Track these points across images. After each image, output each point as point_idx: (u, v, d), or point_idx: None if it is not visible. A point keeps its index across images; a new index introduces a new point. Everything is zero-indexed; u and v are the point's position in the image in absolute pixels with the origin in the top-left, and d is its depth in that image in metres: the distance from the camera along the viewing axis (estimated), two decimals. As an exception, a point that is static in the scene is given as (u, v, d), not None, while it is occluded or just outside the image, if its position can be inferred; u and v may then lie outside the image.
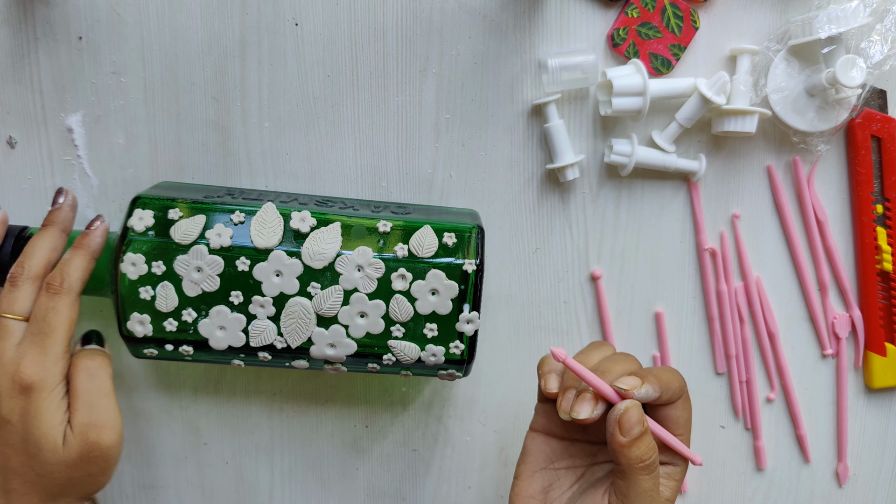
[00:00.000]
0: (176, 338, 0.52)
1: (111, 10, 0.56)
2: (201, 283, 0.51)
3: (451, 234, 0.52)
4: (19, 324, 0.50)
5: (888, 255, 0.61)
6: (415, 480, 0.64)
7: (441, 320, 0.52)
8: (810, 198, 0.62)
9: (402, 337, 0.52)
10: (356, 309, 0.52)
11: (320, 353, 0.52)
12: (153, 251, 0.51)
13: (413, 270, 0.52)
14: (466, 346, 0.53)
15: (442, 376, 0.55)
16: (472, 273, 0.52)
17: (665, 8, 0.58)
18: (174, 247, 0.51)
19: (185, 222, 0.51)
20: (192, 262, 0.51)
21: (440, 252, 0.52)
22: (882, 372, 0.63)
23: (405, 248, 0.52)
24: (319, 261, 0.51)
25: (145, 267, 0.51)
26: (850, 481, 0.66)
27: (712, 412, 0.64)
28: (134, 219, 0.51)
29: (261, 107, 0.58)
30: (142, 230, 0.51)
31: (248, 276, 0.51)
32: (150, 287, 0.51)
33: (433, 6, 0.57)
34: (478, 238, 0.52)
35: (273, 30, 0.57)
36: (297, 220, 0.52)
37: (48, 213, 0.53)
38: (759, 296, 0.63)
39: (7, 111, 0.57)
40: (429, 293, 0.52)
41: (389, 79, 0.58)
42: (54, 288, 0.50)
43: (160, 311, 0.52)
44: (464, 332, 0.52)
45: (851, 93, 0.57)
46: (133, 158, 0.58)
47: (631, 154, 0.58)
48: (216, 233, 0.51)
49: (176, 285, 0.51)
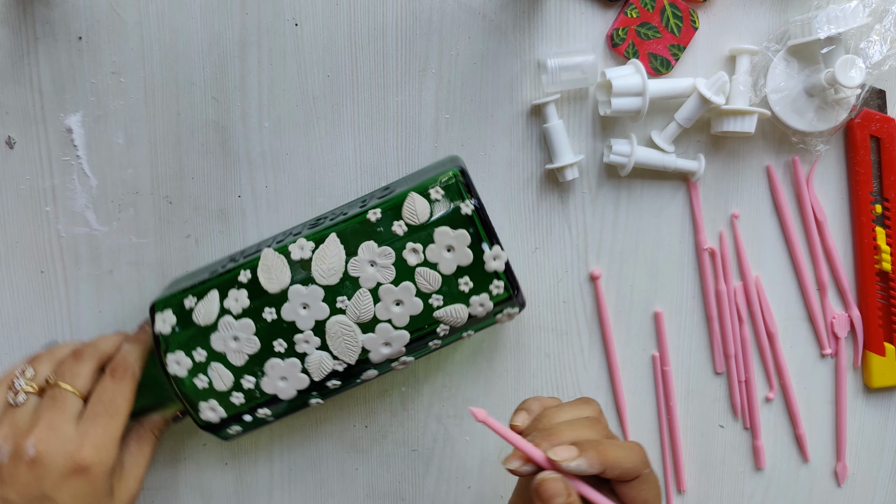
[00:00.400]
0: (249, 407, 0.54)
1: (111, 10, 0.56)
2: (243, 349, 0.53)
3: (436, 187, 0.52)
4: (78, 399, 0.51)
5: (887, 255, 0.61)
6: (414, 480, 0.64)
7: (470, 270, 0.52)
8: (809, 198, 0.62)
9: (443, 304, 0.52)
10: (389, 300, 0.52)
11: (379, 356, 0.53)
12: (188, 343, 0.53)
13: (419, 240, 0.51)
14: (506, 281, 0.52)
15: (501, 320, 0.54)
16: (472, 213, 0.51)
17: (664, 8, 0.58)
18: (203, 330, 0.53)
19: (203, 304, 0.53)
20: (225, 335, 0.52)
21: (434, 210, 0.51)
22: (881, 372, 0.63)
23: (402, 224, 0.52)
24: (333, 276, 0.52)
25: (188, 360, 0.53)
26: (849, 481, 0.66)
27: (711, 412, 0.64)
28: (158, 324, 0.53)
29: (261, 107, 0.58)
30: (169, 331, 0.53)
31: (280, 322, 0.52)
32: (202, 374, 0.53)
33: (433, 6, 0.57)
34: (463, 179, 0.52)
35: (273, 30, 0.57)
36: (296, 251, 0.52)
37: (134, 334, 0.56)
38: (758, 296, 0.63)
39: (6, 111, 0.57)
40: (445, 252, 0.51)
41: (389, 79, 0.58)
42: (120, 373, 0.52)
43: (221, 391, 0.53)
44: (496, 270, 0.52)
45: (850, 93, 0.57)
46: (133, 159, 0.58)
47: (630, 154, 0.58)
48: (233, 299, 0.52)
49: (223, 361, 0.53)
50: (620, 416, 0.64)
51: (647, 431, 0.64)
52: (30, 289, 0.60)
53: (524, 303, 0.54)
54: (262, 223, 0.60)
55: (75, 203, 0.59)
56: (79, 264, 0.60)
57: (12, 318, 0.60)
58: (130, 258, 0.60)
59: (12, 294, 0.60)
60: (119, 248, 0.59)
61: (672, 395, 0.63)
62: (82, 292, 0.60)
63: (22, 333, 0.60)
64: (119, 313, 0.60)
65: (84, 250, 0.59)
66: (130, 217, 0.59)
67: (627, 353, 0.63)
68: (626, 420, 0.64)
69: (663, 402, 0.64)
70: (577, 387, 0.63)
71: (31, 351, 0.60)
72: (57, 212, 0.59)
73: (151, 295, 0.60)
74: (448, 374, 0.62)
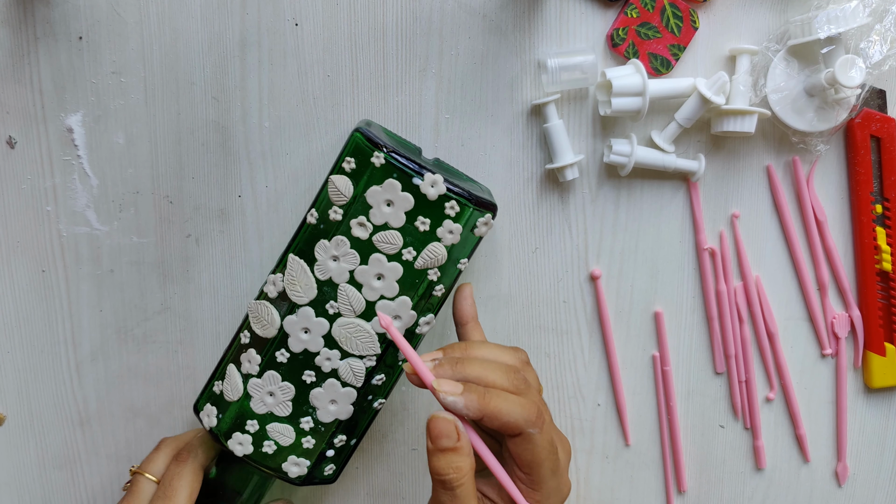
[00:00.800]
0: (324, 443, 0.55)
1: (111, 10, 0.56)
2: (282, 398, 0.54)
3: (346, 159, 0.51)
4: (151, 484, 0.55)
5: (887, 255, 0.61)
6: (414, 479, 0.64)
7: (419, 210, 0.51)
8: (809, 198, 0.62)
9: (417, 253, 0.51)
10: (370, 280, 0.52)
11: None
12: (236, 422, 0.54)
13: (358, 212, 0.51)
14: (456, 198, 0.51)
15: (482, 233, 0.53)
16: (386, 160, 0.50)
17: (664, 8, 0.58)
18: (241, 403, 0.54)
19: (227, 383, 0.54)
20: (260, 395, 0.53)
21: (354, 180, 0.51)
22: (881, 372, 0.63)
23: (335, 209, 0.51)
24: (310, 290, 0.52)
25: (246, 436, 0.54)
26: (850, 481, 0.66)
27: (712, 412, 0.64)
28: (205, 420, 0.55)
29: (261, 107, 0.58)
30: (216, 422, 0.54)
31: (295, 357, 0.53)
32: (265, 440, 0.54)
33: (433, 6, 0.57)
34: (364, 135, 0.51)
35: (273, 30, 0.57)
36: (271, 289, 0.53)
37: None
38: (758, 296, 0.63)
39: (7, 111, 0.57)
40: (386, 208, 0.51)
41: (389, 79, 0.58)
42: (182, 457, 0.55)
43: (290, 444, 0.54)
44: (440, 194, 0.50)
45: (851, 93, 0.57)
46: (133, 158, 0.58)
47: (630, 154, 0.58)
48: (246, 361, 0.54)
49: (275, 419, 0.54)
50: (620, 416, 0.64)
51: (648, 431, 0.64)
52: (31, 288, 0.60)
53: (491, 204, 0.52)
54: (262, 223, 0.60)
55: (76, 202, 0.59)
56: (80, 263, 0.60)
57: (14, 316, 0.60)
58: (131, 257, 0.60)
59: (14, 293, 0.60)
60: (120, 247, 0.60)
61: (672, 395, 0.63)
62: (83, 291, 0.60)
63: (23, 332, 0.61)
64: (120, 312, 0.61)
65: (85, 250, 0.60)
66: (131, 216, 0.59)
67: (627, 353, 0.63)
68: (626, 420, 0.64)
69: (663, 402, 0.64)
70: (577, 387, 0.63)
71: (32, 350, 0.61)
72: (58, 211, 0.59)
73: (152, 294, 0.60)
74: (448, 374, 0.62)
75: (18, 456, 0.63)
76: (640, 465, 0.65)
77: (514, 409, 0.46)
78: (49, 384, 0.62)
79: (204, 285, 0.60)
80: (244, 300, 0.61)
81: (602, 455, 0.65)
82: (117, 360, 0.61)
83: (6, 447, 0.62)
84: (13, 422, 0.62)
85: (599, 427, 0.64)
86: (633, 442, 0.64)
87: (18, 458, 0.63)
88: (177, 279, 0.60)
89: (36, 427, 0.62)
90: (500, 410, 0.45)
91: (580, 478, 0.65)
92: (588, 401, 0.64)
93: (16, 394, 0.62)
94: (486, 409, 0.45)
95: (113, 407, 0.62)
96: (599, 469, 0.65)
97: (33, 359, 0.61)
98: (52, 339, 0.61)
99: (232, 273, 0.60)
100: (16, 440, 0.62)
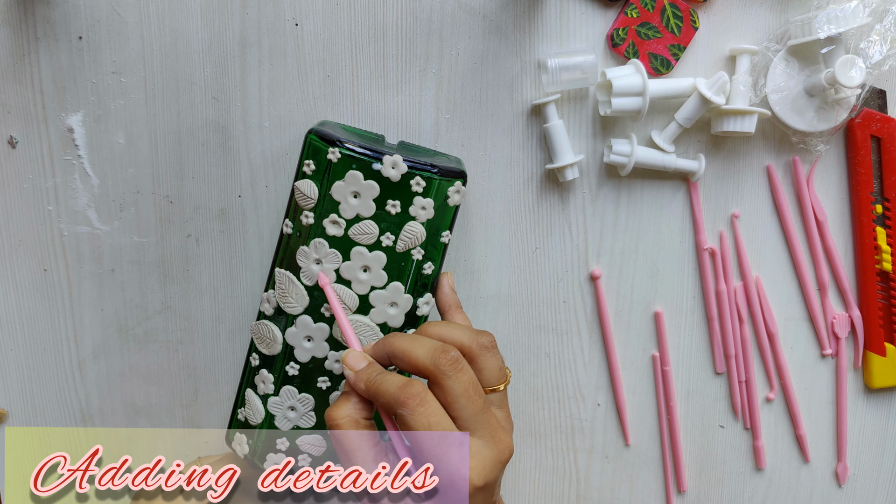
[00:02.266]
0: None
1: (112, 10, 0.57)
2: (303, 410, 0.54)
3: (307, 161, 0.51)
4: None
5: (888, 255, 0.61)
6: (414, 479, 0.64)
7: (387, 194, 0.51)
8: (810, 198, 0.62)
9: (396, 237, 0.51)
10: (356, 274, 0.52)
11: (396, 319, 0.53)
12: (267, 444, 0.54)
13: (328, 211, 0.51)
14: (419, 172, 0.51)
15: (455, 201, 0.53)
16: (341, 154, 0.50)
17: (664, 8, 0.58)
18: (266, 425, 0.54)
19: (248, 408, 0.55)
20: (282, 412, 0.54)
21: (317, 181, 0.51)
22: (881, 372, 0.63)
23: (305, 213, 0.52)
24: (302, 299, 0.52)
25: (280, 455, 0.54)
26: (850, 481, 0.66)
27: (712, 412, 0.64)
28: (238, 450, 0.55)
29: (261, 107, 0.58)
30: (248, 450, 0.55)
31: (305, 367, 0.53)
32: (299, 453, 0.54)
33: (433, 6, 0.57)
34: (317, 135, 0.51)
35: (273, 30, 0.57)
36: (266, 306, 0.54)
37: None
38: (758, 296, 0.63)
39: (8, 111, 0.58)
40: (353, 199, 0.51)
41: (389, 79, 0.58)
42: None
43: (324, 451, 0.54)
44: (402, 173, 0.51)
45: (851, 93, 0.57)
46: (134, 158, 0.59)
47: (630, 154, 0.58)
48: (261, 382, 0.54)
49: (304, 431, 0.54)
50: (620, 416, 0.64)
51: (648, 431, 0.64)
52: (33, 287, 0.60)
53: (458, 172, 0.52)
54: (262, 223, 0.60)
55: (77, 202, 0.59)
56: (81, 263, 0.60)
57: (16, 315, 0.61)
58: (132, 257, 0.60)
59: (16, 292, 0.60)
60: (121, 246, 0.60)
61: (672, 395, 0.63)
62: (84, 290, 0.60)
63: (26, 330, 0.61)
64: (121, 311, 0.61)
65: (86, 249, 0.60)
66: (132, 216, 0.59)
67: (627, 353, 0.63)
68: (625, 420, 0.64)
69: (663, 402, 0.64)
70: (577, 387, 0.63)
71: (34, 348, 0.61)
72: (59, 211, 0.59)
73: (153, 294, 0.60)
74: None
75: (21, 452, 0.63)
76: (640, 465, 0.65)
77: (417, 349, 0.47)
78: (51, 382, 0.62)
79: (204, 285, 0.61)
80: (244, 300, 0.61)
81: (602, 455, 0.65)
82: (118, 358, 0.61)
83: (9, 444, 0.63)
84: (16, 418, 0.62)
85: (599, 427, 0.64)
86: (633, 442, 0.64)
87: (21, 454, 0.63)
88: (177, 279, 0.60)
89: (39, 424, 0.62)
90: (403, 349, 0.47)
91: (580, 477, 0.65)
92: (588, 401, 0.64)
93: (19, 391, 0.62)
94: (392, 349, 0.48)
95: (114, 405, 0.62)
96: (599, 469, 0.65)
97: (36, 357, 0.61)
98: (55, 337, 0.61)
99: (232, 273, 0.60)
100: (18, 437, 0.63)
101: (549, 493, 0.65)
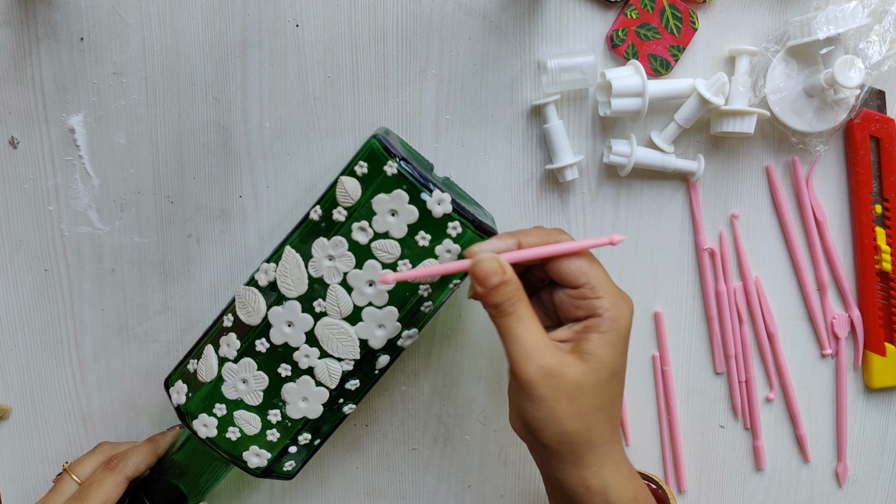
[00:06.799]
0: (289, 438, 0.55)
1: (113, 11, 0.57)
2: (255, 387, 0.54)
3: (359, 163, 0.51)
4: (73, 485, 0.56)
5: (887, 255, 0.61)
6: (414, 479, 0.64)
7: (422, 224, 0.51)
8: (809, 198, 0.62)
9: (412, 266, 0.52)
10: (361, 285, 0.52)
11: (378, 340, 0.53)
12: (205, 403, 0.55)
13: (362, 217, 0.51)
14: (459, 219, 0.51)
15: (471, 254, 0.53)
16: (398, 170, 0.50)
17: (664, 9, 0.58)
18: (213, 385, 0.54)
19: (202, 362, 0.55)
20: (233, 381, 0.54)
21: (364, 184, 0.51)
22: (881, 372, 0.63)
23: (340, 209, 0.52)
24: (300, 285, 0.52)
25: (212, 418, 0.54)
26: (850, 481, 0.66)
27: (712, 412, 0.64)
28: (174, 397, 0.55)
29: (262, 107, 0.58)
30: (184, 400, 0.55)
31: (275, 348, 0.53)
32: (231, 426, 0.54)
33: (433, 7, 0.58)
34: (381, 143, 0.51)
35: (274, 31, 0.57)
36: (262, 277, 0.53)
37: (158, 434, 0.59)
38: (758, 296, 0.63)
39: (9, 111, 0.58)
40: (390, 217, 0.51)
41: (389, 79, 0.58)
42: (110, 465, 0.55)
43: (254, 434, 0.54)
44: (445, 213, 0.51)
45: (850, 93, 0.57)
46: (134, 159, 0.59)
47: (630, 154, 0.58)
48: (225, 345, 0.54)
49: (243, 407, 0.54)
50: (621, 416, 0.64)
51: (648, 431, 0.64)
52: (34, 287, 0.60)
53: (492, 231, 0.53)
54: (262, 223, 0.60)
55: (78, 202, 0.59)
56: (82, 263, 0.60)
57: (17, 315, 0.61)
58: (132, 257, 0.60)
59: (17, 292, 0.60)
60: (121, 247, 0.60)
61: (672, 395, 0.64)
62: (85, 290, 0.61)
63: (27, 330, 0.61)
64: (121, 311, 0.61)
65: (87, 249, 0.60)
66: (132, 216, 0.59)
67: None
68: (626, 420, 0.64)
69: (663, 402, 0.64)
70: (576, 386, 0.63)
71: (35, 347, 0.61)
72: (60, 211, 0.59)
73: (153, 294, 0.61)
74: (448, 374, 0.63)
75: (22, 451, 0.63)
76: (640, 465, 0.65)
77: (544, 235, 0.49)
78: (52, 381, 0.62)
79: (205, 285, 0.61)
80: (245, 300, 0.61)
81: (602, 454, 0.65)
82: (119, 358, 0.62)
83: (10, 442, 0.63)
84: (17, 417, 0.62)
85: (599, 427, 0.64)
86: (633, 442, 0.64)
87: (22, 453, 0.63)
88: (178, 279, 0.61)
89: (39, 423, 0.63)
90: (528, 238, 0.49)
91: (580, 477, 0.65)
92: (588, 400, 0.64)
93: (19, 390, 0.62)
94: (519, 238, 0.48)
95: (115, 404, 0.62)
96: (599, 468, 0.65)
97: (36, 356, 0.62)
98: (55, 337, 0.61)
99: (232, 273, 0.61)
100: (19, 436, 0.63)
101: (549, 493, 0.65)
